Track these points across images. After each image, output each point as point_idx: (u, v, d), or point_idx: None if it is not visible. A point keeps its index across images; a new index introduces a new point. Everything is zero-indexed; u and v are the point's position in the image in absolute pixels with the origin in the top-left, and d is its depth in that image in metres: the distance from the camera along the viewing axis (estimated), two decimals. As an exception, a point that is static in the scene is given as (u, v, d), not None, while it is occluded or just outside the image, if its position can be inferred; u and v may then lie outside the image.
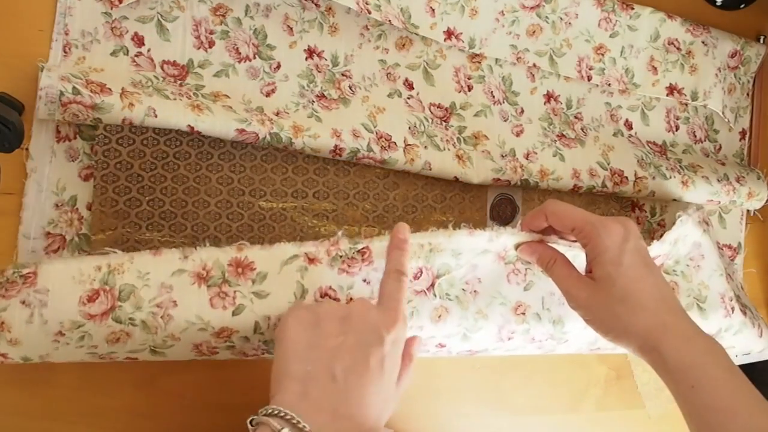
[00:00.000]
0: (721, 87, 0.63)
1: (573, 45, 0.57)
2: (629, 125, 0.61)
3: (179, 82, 0.46)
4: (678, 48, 0.61)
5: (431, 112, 0.53)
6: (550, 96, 0.58)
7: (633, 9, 0.58)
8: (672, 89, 0.61)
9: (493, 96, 0.56)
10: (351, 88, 0.51)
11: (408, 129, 0.51)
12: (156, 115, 0.42)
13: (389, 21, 0.49)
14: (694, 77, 0.62)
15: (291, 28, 0.50)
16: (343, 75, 0.51)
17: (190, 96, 0.45)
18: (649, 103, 0.62)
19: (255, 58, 0.49)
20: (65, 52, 0.44)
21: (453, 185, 0.54)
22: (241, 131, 0.44)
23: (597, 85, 0.59)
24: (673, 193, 0.58)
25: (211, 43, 0.47)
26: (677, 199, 0.59)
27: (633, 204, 0.61)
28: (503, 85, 0.56)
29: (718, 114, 0.64)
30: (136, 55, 0.45)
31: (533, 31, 0.56)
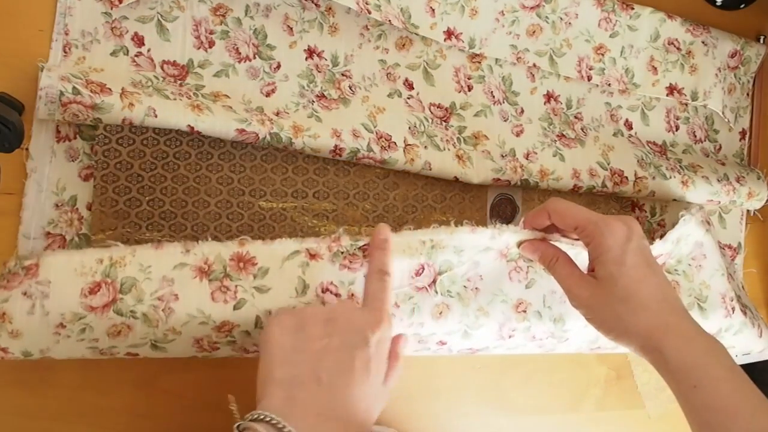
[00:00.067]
0: (721, 87, 0.63)
1: (573, 45, 0.57)
2: (629, 125, 0.61)
3: (179, 82, 0.46)
4: (678, 48, 0.61)
5: (431, 112, 0.53)
6: (550, 96, 0.58)
7: (633, 9, 0.58)
8: (672, 89, 0.61)
9: (493, 96, 0.56)
10: (351, 88, 0.51)
11: (408, 129, 0.51)
12: (156, 115, 0.42)
13: (389, 21, 0.49)
14: (694, 77, 0.61)
15: (291, 28, 0.50)
16: (343, 75, 0.51)
17: (190, 96, 0.45)
18: (649, 103, 0.62)
19: (255, 58, 0.49)
20: (65, 52, 0.44)
21: (453, 185, 0.54)
22: (241, 131, 0.44)
23: (597, 85, 0.59)
24: (673, 193, 0.58)
25: (211, 43, 0.47)
26: (677, 199, 0.59)
27: (633, 204, 0.61)
28: (503, 85, 0.56)
29: (718, 114, 0.64)
30: (136, 55, 0.46)
31: (533, 31, 0.56)
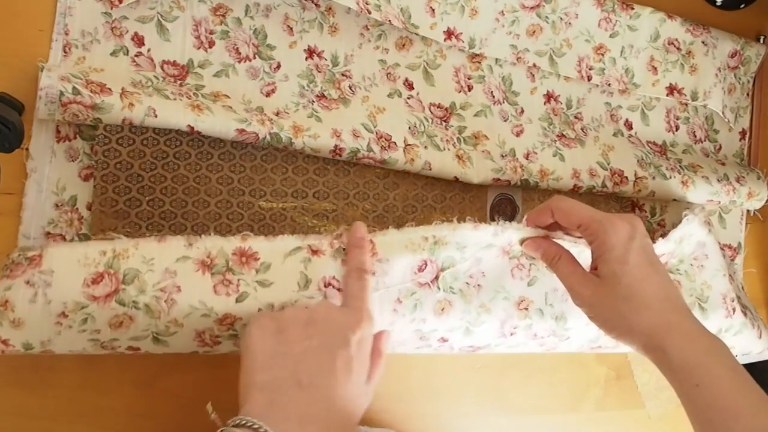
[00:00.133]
0: (721, 87, 0.63)
1: (573, 45, 0.57)
2: (629, 125, 0.61)
3: (179, 82, 0.46)
4: (678, 48, 0.61)
5: (431, 112, 0.53)
6: (550, 96, 0.58)
7: (633, 9, 0.58)
8: (672, 89, 0.61)
9: (493, 96, 0.56)
10: (351, 88, 0.51)
11: (408, 129, 0.51)
12: (156, 115, 0.42)
13: (389, 21, 0.49)
14: (694, 77, 0.61)
15: (291, 28, 0.50)
16: (343, 75, 0.51)
17: (190, 96, 0.45)
18: (649, 103, 0.62)
19: (255, 58, 0.49)
20: (65, 52, 0.44)
21: (453, 185, 0.54)
22: (241, 131, 0.44)
23: (597, 85, 0.59)
24: (673, 193, 0.58)
25: (211, 43, 0.47)
26: (677, 199, 0.59)
27: (633, 204, 0.61)
28: (503, 85, 0.56)
29: (718, 114, 0.64)
30: (136, 55, 0.45)
31: (533, 31, 0.56)
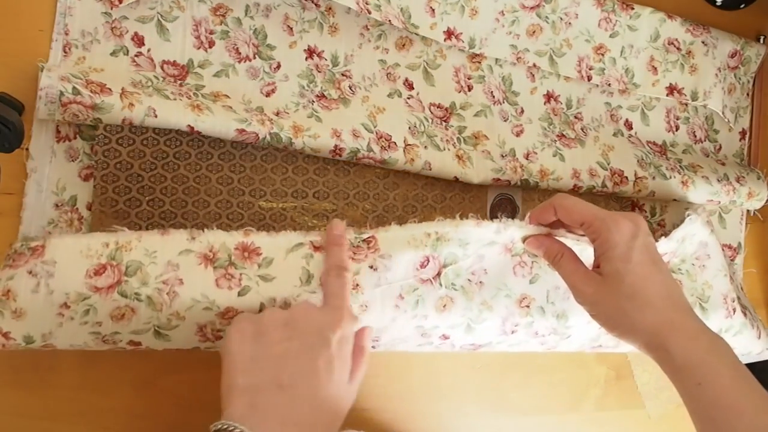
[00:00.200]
0: (721, 87, 0.63)
1: (573, 45, 0.57)
2: (629, 125, 0.61)
3: (179, 82, 0.46)
4: (678, 48, 0.61)
5: (431, 112, 0.53)
6: (550, 96, 0.58)
7: (633, 9, 0.58)
8: (672, 89, 0.61)
9: (493, 96, 0.56)
10: (351, 88, 0.51)
11: (408, 129, 0.51)
12: (156, 115, 0.42)
13: (389, 21, 0.49)
14: (694, 77, 0.61)
15: (291, 28, 0.50)
16: (343, 75, 0.51)
17: (190, 96, 0.45)
18: (649, 103, 0.62)
19: (255, 58, 0.49)
20: (65, 52, 0.44)
21: (453, 185, 0.54)
22: (241, 131, 0.44)
23: (597, 85, 0.59)
24: (673, 193, 0.58)
25: (211, 43, 0.47)
26: (677, 199, 0.59)
27: (633, 204, 0.61)
28: (503, 85, 0.56)
29: (718, 114, 0.64)
30: (136, 55, 0.45)
31: (533, 31, 0.56)
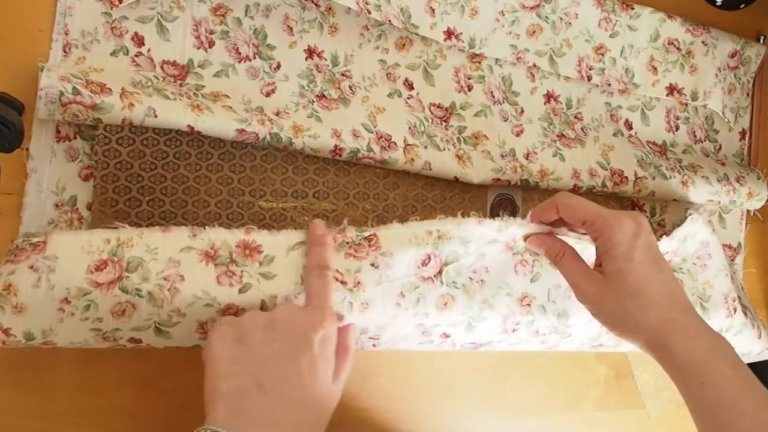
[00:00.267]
0: (721, 87, 0.63)
1: (573, 45, 0.57)
2: (629, 125, 0.61)
3: (179, 82, 0.46)
4: (678, 48, 0.61)
5: (431, 112, 0.53)
6: (550, 96, 0.58)
7: (633, 9, 0.58)
8: (672, 89, 0.61)
9: (493, 96, 0.56)
10: (351, 88, 0.51)
11: (408, 129, 0.51)
12: (156, 115, 0.42)
13: (389, 21, 0.49)
14: (694, 77, 0.61)
15: (291, 28, 0.50)
16: (343, 75, 0.51)
17: (190, 96, 0.45)
18: (649, 103, 0.62)
19: (255, 58, 0.49)
20: (65, 52, 0.44)
21: (453, 185, 0.54)
22: (241, 131, 0.44)
23: (597, 85, 0.59)
24: (673, 193, 0.58)
25: (211, 43, 0.47)
26: (677, 199, 0.59)
27: (633, 204, 0.61)
28: (503, 85, 0.56)
29: (718, 114, 0.64)
30: (136, 55, 0.45)
31: (533, 31, 0.56)
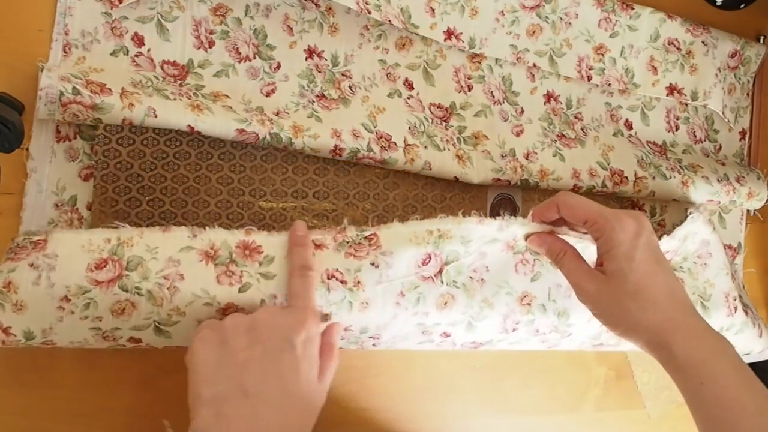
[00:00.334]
0: (721, 87, 0.63)
1: (573, 45, 0.57)
2: (629, 125, 0.61)
3: (179, 82, 0.46)
4: (678, 48, 0.61)
5: (431, 112, 0.53)
6: (550, 96, 0.58)
7: (633, 9, 0.58)
8: (672, 89, 0.61)
9: (493, 96, 0.56)
10: (351, 88, 0.51)
11: (408, 129, 0.51)
12: (156, 115, 0.42)
13: (389, 21, 0.49)
14: (694, 77, 0.61)
15: (291, 28, 0.50)
16: (343, 75, 0.51)
17: (190, 96, 0.45)
18: (649, 103, 0.62)
19: (255, 58, 0.49)
20: (65, 52, 0.44)
21: (453, 185, 0.54)
22: (241, 131, 0.44)
23: (597, 85, 0.59)
24: (673, 193, 0.58)
25: (211, 43, 0.47)
26: (677, 199, 0.59)
27: (633, 204, 0.61)
28: (503, 85, 0.56)
29: (718, 114, 0.64)
30: (136, 55, 0.46)
31: (533, 31, 0.56)
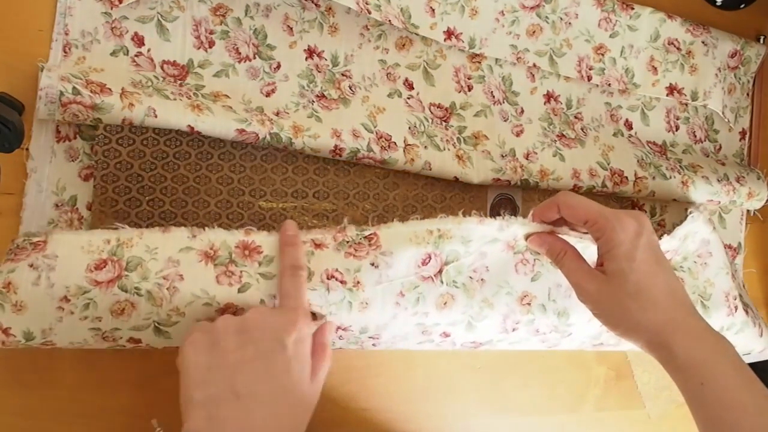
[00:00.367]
0: (721, 87, 0.63)
1: (573, 45, 0.57)
2: (629, 125, 0.61)
3: (179, 82, 0.46)
4: (678, 48, 0.61)
5: (431, 112, 0.53)
6: (550, 96, 0.58)
7: (633, 9, 0.58)
8: (672, 89, 0.61)
9: (493, 96, 0.56)
10: (351, 88, 0.51)
11: (408, 129, 0.51)
12: (156, 115, 0.42)
13: (389, 21, 0.49)
14: (694, 77, 0.61)
15: (291, 28, 0.50)
16: (343, 75, 0.51)
17: (190, 96, 0.45)
18: (649, 103, 0.62)
19: (255, 58, 0.49)
20: (65, 52, 0.44)
21: (453, 185, 0.54)
22: (241, 131, 0.44)
23: (597, 85, 0.59)
24: (673, 193, 0.58)
25: (211, 43, 0.47)
26: (677, 199, 0.59)
27: (633, 204, 0.61)
28: (503, 85, 0.56)
29: (718, 114, 0.64)
30: (136, 55, 0.46)
31: (533, 31, 0.56)
